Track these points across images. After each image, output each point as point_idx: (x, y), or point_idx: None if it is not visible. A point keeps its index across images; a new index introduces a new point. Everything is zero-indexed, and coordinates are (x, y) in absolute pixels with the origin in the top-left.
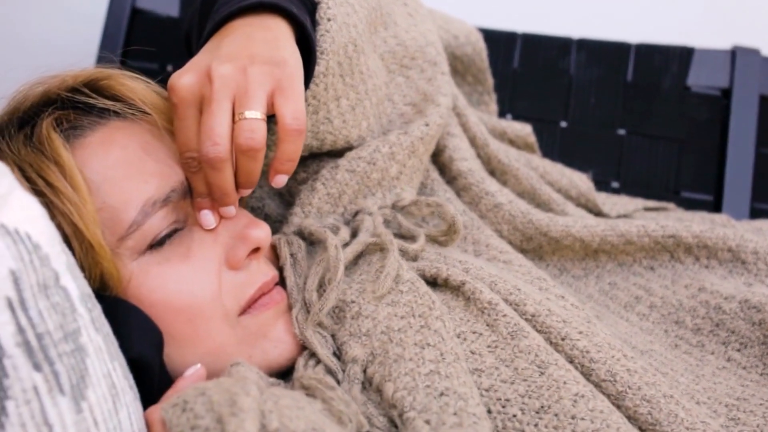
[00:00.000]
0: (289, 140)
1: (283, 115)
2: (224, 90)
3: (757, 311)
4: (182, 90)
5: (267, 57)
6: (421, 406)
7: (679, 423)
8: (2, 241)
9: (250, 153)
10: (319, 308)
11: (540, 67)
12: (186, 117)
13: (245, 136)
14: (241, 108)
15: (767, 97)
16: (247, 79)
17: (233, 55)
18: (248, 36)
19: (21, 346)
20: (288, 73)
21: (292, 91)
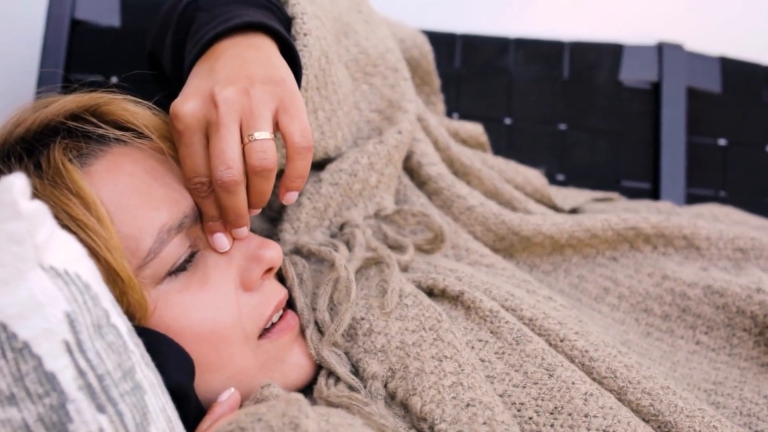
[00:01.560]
0: (299, 157)
1: (291, 134)
2: (230, 113)
3: (720, 296)
4: (187, 116)
5: (265, 77)
6: (450, 418)
7: (680, 412)
8: (54, 284)
9: (264, 173)
10: (335, 329)
11: (481, 66)
12: (192, 143)
13: (258, 157)
14: (249, 130)
15: (693, 89)
16: (251, 101)
17: (232, 77)
18: (240, 57)
19: (83, 389)
20: (289, 92)
21: (295, 109)
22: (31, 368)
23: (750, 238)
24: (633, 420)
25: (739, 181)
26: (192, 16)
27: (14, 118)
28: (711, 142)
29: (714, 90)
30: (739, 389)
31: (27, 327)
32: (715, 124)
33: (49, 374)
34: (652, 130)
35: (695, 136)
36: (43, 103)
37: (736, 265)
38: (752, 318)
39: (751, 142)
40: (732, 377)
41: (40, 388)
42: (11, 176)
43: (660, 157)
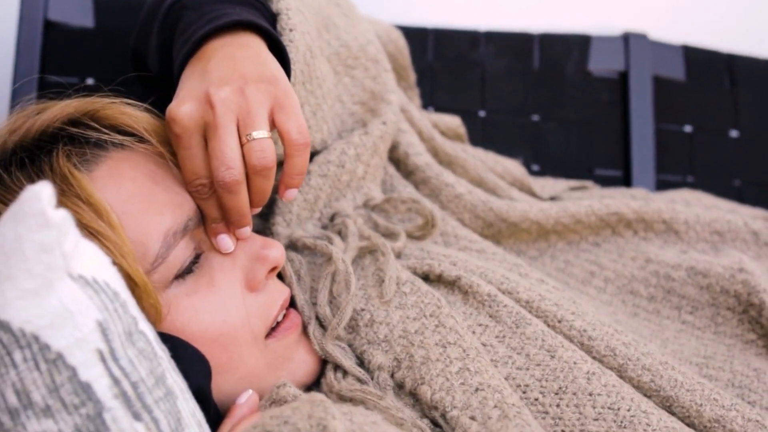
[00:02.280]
0: (297, 154)
1: (288, 131)
2: (227, 114)
3: (704, 276)
4: (184, 119)
5: (258, 75)
6: (461, 404)
7: (680, 386)
8: (84, 293)
9: (264, 172)
10: (337, 323)
11: (453, 59)
12: (191, 146)
13: (258, 157)
14: (247, 129)
15: (659, 77)
16: (247, 100)
17: (226, 78)
18: (232, 56)
19: (119, 398)
20: (282, 89)
21: (290, 106)
22: (66, 379)
23: (726, 221)
24: (636, 396)
25: (705, 166)
26: (178, 15)
27: (9, 125)
28: (677, 129)
29: (678, 78)
30: (729, 362)
31: (60, 337)
32: (680, 112)
33: (84, 384)
34: (622, 119)
35: (662, 124)
36: (37, 109)
37: (714, 248)
38: (736, 297)
39: (715, 128)
40: (720, 352)
41: (76, 399)
42: (37, 185)
43: (630, 145)
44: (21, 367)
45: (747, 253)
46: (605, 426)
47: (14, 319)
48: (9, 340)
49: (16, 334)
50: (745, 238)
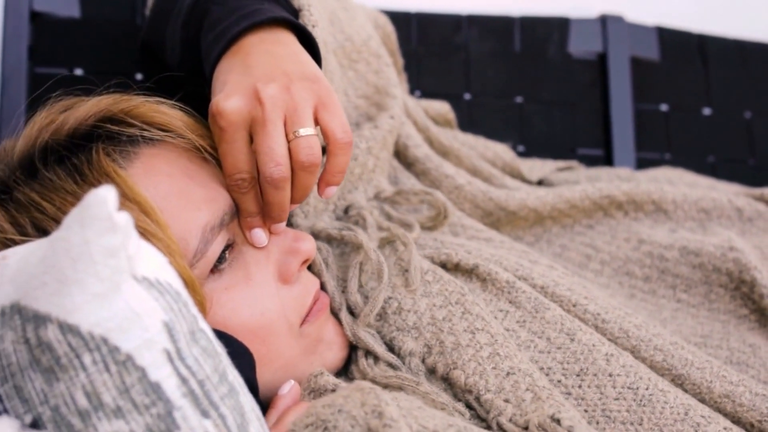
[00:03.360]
0: (341, 153)
1: (333, 130)
2: (276, 111)
3: (696, 256)
4: (232, 114)
5: (300, 73)
6: (495, 388)
7: (691, 365)
8: (150, 294)
9: (311, 168)
10: (370, 310)
11: (437, 44)
12: (235, 140)
13: (305, 153)
14: (293, 126)
15: (637, 58)
16: (293, 98)
17: (270, 74)
18: (271, 53)
19: (187, 396)
20: (325, 88)
21: (334, 105)
22: (136, 380)
23: (711, 199)
24: (652, 375)
25: (681, 143)
26: (205, 9)
27: (40, 121)
28: (654, 108)
29: (653, 58)
30: (726, 340)
31: (128, 339)
32: (656, 91)
33: (154, 384)
34: (602, 99)
35: (640, 103)
36: (64, 106)
37: (701, 225)
38: (728, 275)
39: (689, 107)
40: (716, 330)
41: (147, 399)
42: (101, 189)
43: (611, 125)
44: (91, 369)
45: (732, 229)
46: (626, 405)
47: (83, 322)
48: (78, 343)
49: (85, 338)
50: (730, 215)
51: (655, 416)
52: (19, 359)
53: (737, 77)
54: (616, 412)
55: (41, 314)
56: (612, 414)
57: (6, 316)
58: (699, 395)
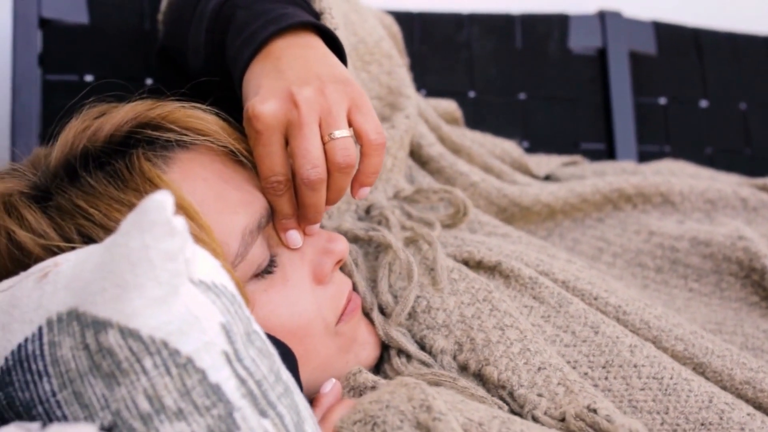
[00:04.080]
0: (374, 154)
1: (366, 132)
2: (312, 114)
3: (706, 246)
4: (268, 117)
5: (332, 76)
6: (527, 383)
7: (711, 353)
8: (207, 297)
9: (347, 170)
10: (401, 309)
11: (440, 43)
12: (271, 143)
13: (342, 155)
14: (329, 128)
15: (636, 52)
16: (327, 100)
17: (303, 78)
18: (301, 57)
19: (246, 397)
20: (357, 90)
21: (367, 107)
22: (197, 382)
23: (716, 189)
24: (675, 365)
25: (679, 135)
26: (230, 14)
27: (76, 126)
28: (653, 102)
29: (650, 52)
30: (740, 326)
31: (188, 342)
32: (654, 85)
33: (215, 386)
34: (602, 94)
35: (640, 97)
36: (98, 112)
37: (707, 216)
38: (738, 263)
39: (687, 99)
40: (729, 317)
41: (207, 401)
42: (158, 194)
43: (612, 119)
44: (152, 373)
45: (737, 219)
46: (651, 394)
47: (143, 326)
48: (139, 347)
49: (145, 342)
50: (735, 205)
51: (681, 405)
52: (78, 365)
53: (732, 69)
54: (642, 402)
55: (101, 320)
56: (638, 404)
57: (63, 323)
58: (720, 383)
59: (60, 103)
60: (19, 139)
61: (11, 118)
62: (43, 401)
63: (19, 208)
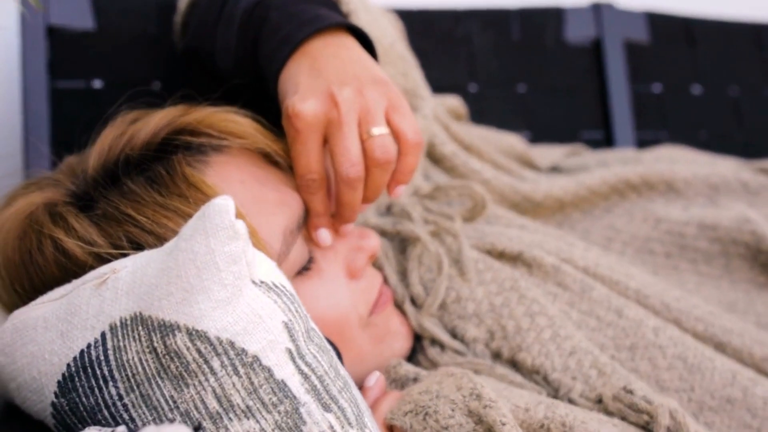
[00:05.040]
0: (412, 153)
1: (404, 131)
2: (351, 113)
3: (713, 230)
4: (309, 116)
5: (370, 77)
6: (561, 367)
7: (731, 332)
8: (269, 297)
9: (386, 166)
10: (432, 300)
11: (441, 38)
12: (310, 141)
13: (381, 151)
14: (367, 127)
15: (631, 42)
16: (366, 100)
17: (342, 78)
18: (338, 57)
19: (310, 392)
20: (395, 91)
21: (404, 107)
22: (264, 380)
23: (719, 174)
24: (698, 344)
25: (675, 121)
26: (263, 16)
27: (111, 136)
28: (648, 90)
29: (643, 41)
30: (752, 306)
31: (254, 341)
32: (648, 73)
33: (280, 383)
34: (599, 83)
35: (635, 85)
36: (131, 119)
37: (711, 200)
38: (745, 245)
39: (680, 86)
40: (740, 298)
41: (274, 398)
42: (220, 199)
43: (609, 107)
44: (220, 373)
45: (740, 202)
46: (677, 374)
47: (210, 328)
48: (206, 348)
49: (213, 343)
50: (737, 189)
51: (706, 382)
52: (145, 368)
53: (722, 56)
54: (668, 381)
55: (168, 323)
56: (665, 384)
57: (127, 328)
58: (741, 360)
59: (69, 110)
60: (31, 145)
61: (23, 126)
62: (108, 405)
63: (65, 216)
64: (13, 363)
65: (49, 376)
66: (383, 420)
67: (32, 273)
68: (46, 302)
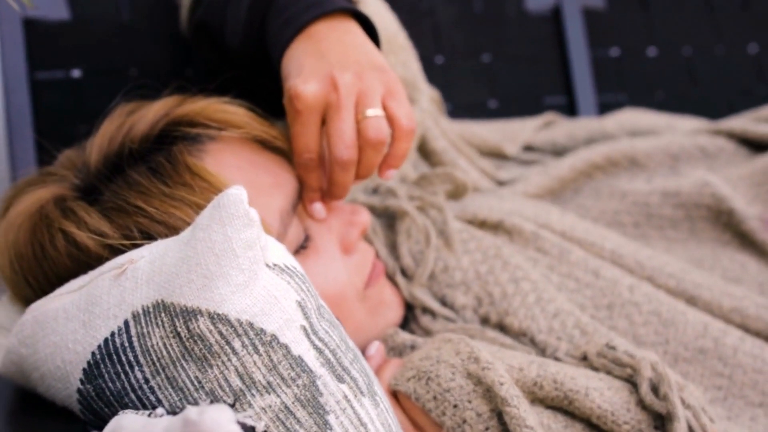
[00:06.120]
0: (405, 138)
1: (399, 117)
2: (350, 97)
3: (676, 196)
4: (309, 97)
5: (370, 63)
6: (546, 328)
7: (700, 286)
8: (282, 278)
9: (378, 147)
10: (422, 271)
11: (405, 12)
12: (309, 122)
13: (374, 131)
14: (362, 108)
15: (588, 8)
16: (365, 85)
17: (344, 62)
18: (342, 42)
19: (325, 366)
20: (393, 78)
21: (400, 94)
22: (282, 356)
23: (677, 144)
24: (671, 299)
25: (633, 84)
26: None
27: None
28: (606, 54)
29: (600, 8)
30: (718, 261)
31: (271, 321)
32: (606, 38)
33: (297, 358)
34: (560, 50)
35: (594, 50)
36: (127, 111)
37: (672, 169)
38: (707, 208)
39: (636, 49)
40: (706, 255)
41: (293, 372)
42: (234, 189)
43: (571, 74)
44: (241, 352)
45: (700, 167)
46: (652, 328)
47: (231, 311)
48: (228, 330)
49: (233, 324)
50: (695, 155)
51: (679, 335)
52: (170, 352)
53: (675, 17)
54: (644, 336)
55: (190, 308)
56: (641, 338)
57: (150, 315)
58: (711, 312)
59: (51, 100)
60: (15, 138)
61: (6, 119)
62: (135, 389)
63: (75, 210)
64: (36, 353)
65: (73, 364)
66: (387, 386)
67: (45, 266)
68: (64, 294)
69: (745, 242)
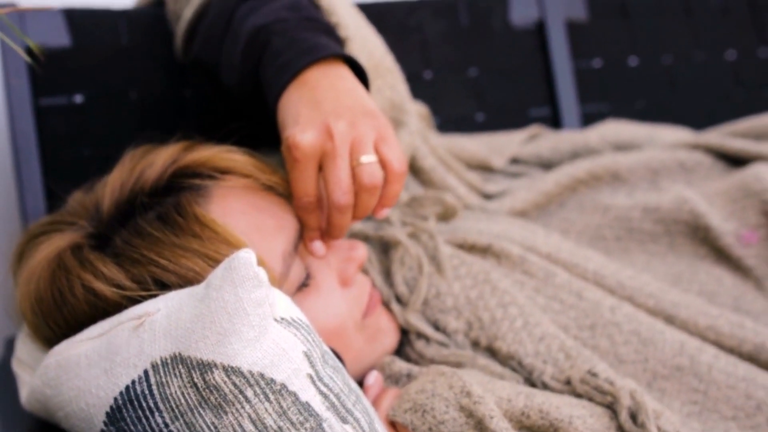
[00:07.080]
0: (397, 181)
1: (391, 161)
2: (345, 145)
3: (655, 212)
4: (307, 147)
5: (362, 109)
6: (533, 352)
7: (678, 305)
8: (289, 331)
9: (373, 191)
10: (416, 297)
11: (394, 29)
12: (307, 169)
13: (368, 177)
14: (357, 155)
15: (571, 21)
16: (359, 132)
17: (338, 110)
18: (335, 88)
19: (330, 409)
20: (384, 123)
21: (392, 138)
22: (291, 403)
23: (658, 159)
24: (649, 319)
25: (614, 94)
26: (266, 40)
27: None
28: (589, 65)
29: (583, 20)
30: (695, 275)
31: (280, 372)
32: (588, 49)
33: (305, 404)
34: (544, 63)
35: (577, 62)
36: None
37: (652, 183)
38: (685, 224)
39: (617, 60)
40: (684, 270)
41: (301, 417)
42: (244, 252)
43: (555, 85)
44: (254, 401)
45: (679, 182)
46: (633, 347)
47: (243, 364)
48: (241, 381)
49: (246, 376)
50: (674, 169)
51: (658, 353)
52: (188, 400)
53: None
54: (625, 355)
55: (206, 362)
56: (622, 357)
57: (168, 366)
58: (687, 330)
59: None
60: (22, 164)
61: (12, 145)
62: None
63: (91, 261)
64: (60, 395)
65: (97, 407)
66: (385, 416)
67: (65, 311)
68: (85, 340)
69: (721, 257)
